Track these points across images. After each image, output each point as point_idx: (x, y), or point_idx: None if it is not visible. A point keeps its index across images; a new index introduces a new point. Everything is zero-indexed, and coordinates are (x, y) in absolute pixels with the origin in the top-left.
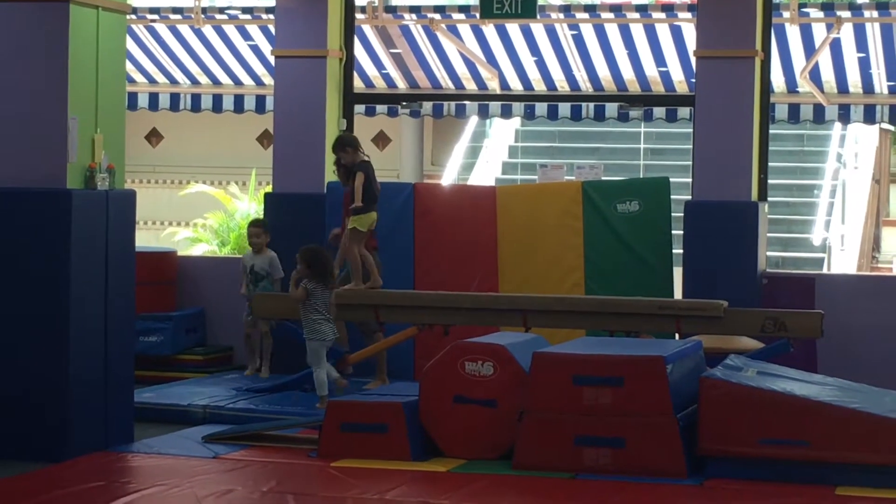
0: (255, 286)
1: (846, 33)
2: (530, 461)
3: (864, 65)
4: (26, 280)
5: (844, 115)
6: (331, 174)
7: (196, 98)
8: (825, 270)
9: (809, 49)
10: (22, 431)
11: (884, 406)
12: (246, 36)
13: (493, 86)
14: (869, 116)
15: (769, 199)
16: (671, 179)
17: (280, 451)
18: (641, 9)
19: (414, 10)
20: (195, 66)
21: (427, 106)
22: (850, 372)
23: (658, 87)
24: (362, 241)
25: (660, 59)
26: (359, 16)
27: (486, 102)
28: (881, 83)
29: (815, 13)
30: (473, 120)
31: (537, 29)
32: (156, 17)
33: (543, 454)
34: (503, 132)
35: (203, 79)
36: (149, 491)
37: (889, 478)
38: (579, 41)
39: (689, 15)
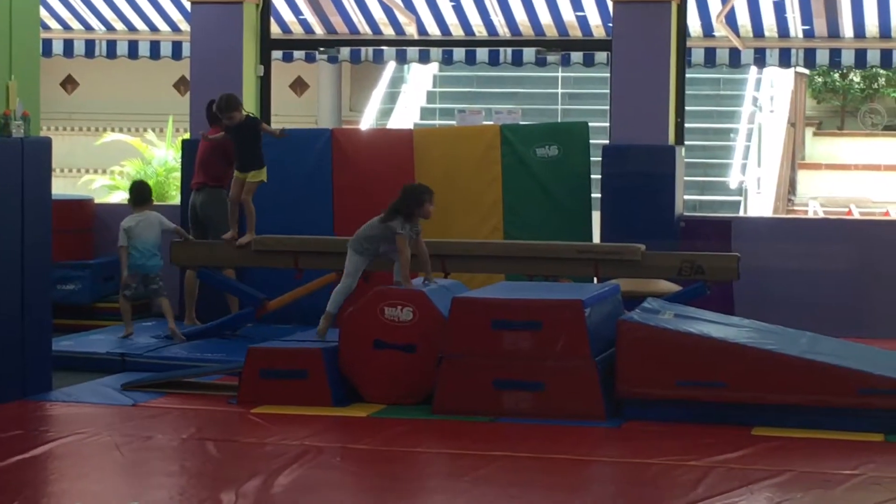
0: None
1: None
2: (450, 405)
3: (780, 9)
4: None
5: (760, 59)
6: None
7: (111, 44)
8: (742, 213)
9: None
10: None
11: (799, 347)
12: None
13: (411, 31)
14: (784, 60)
15: (686, 142)
16: (589, 124)
17: (200, 398)
18: None
19: None
20: (110, 12)
21: (345, 51)
22: (767, 314)
23: (575, 32)
24: None
25: (577, 4)
26: None
27: (404, 48)
28: (796, 27)
29: None
30: (391, 65)
31: None
32: None
33: (463, 398)
34: (421, 77)
35: (118, 25)
36: (68, 439)
37: (804, 418)
38: None
39: None
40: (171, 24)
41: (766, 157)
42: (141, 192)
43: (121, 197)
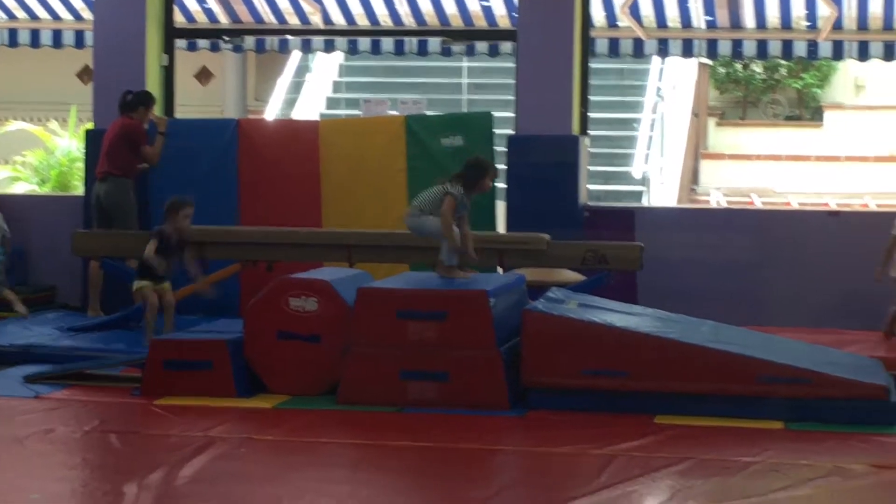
0: None
1: None
2: (355, 396)
3: None
4: None
5: (663, 50)
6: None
7: (13, 33)
8: (645, 203)
9: None
10: None
11: (701, 336)
12: None
13: (316, 20)
14: (687, 50)
15: (590, 132)
16: (494, 114)
17: (103, 390)
18: None
19: None
20: (11, 0)
21: (249, 40)
22: (669, 303)
23: (480, 22)
24: None
25: None
26: None
27: (309, 37)
28: (699, 18)
29: None
30: (296, 55)
31: None
32: None
33: (368, 389)
34: (326, 67)
35: (20, 13)
36: None
37: (705, 405)
38: None
39: None
40: (74, 12)
41: (669, 147)
42: None
43: (24, 188)
